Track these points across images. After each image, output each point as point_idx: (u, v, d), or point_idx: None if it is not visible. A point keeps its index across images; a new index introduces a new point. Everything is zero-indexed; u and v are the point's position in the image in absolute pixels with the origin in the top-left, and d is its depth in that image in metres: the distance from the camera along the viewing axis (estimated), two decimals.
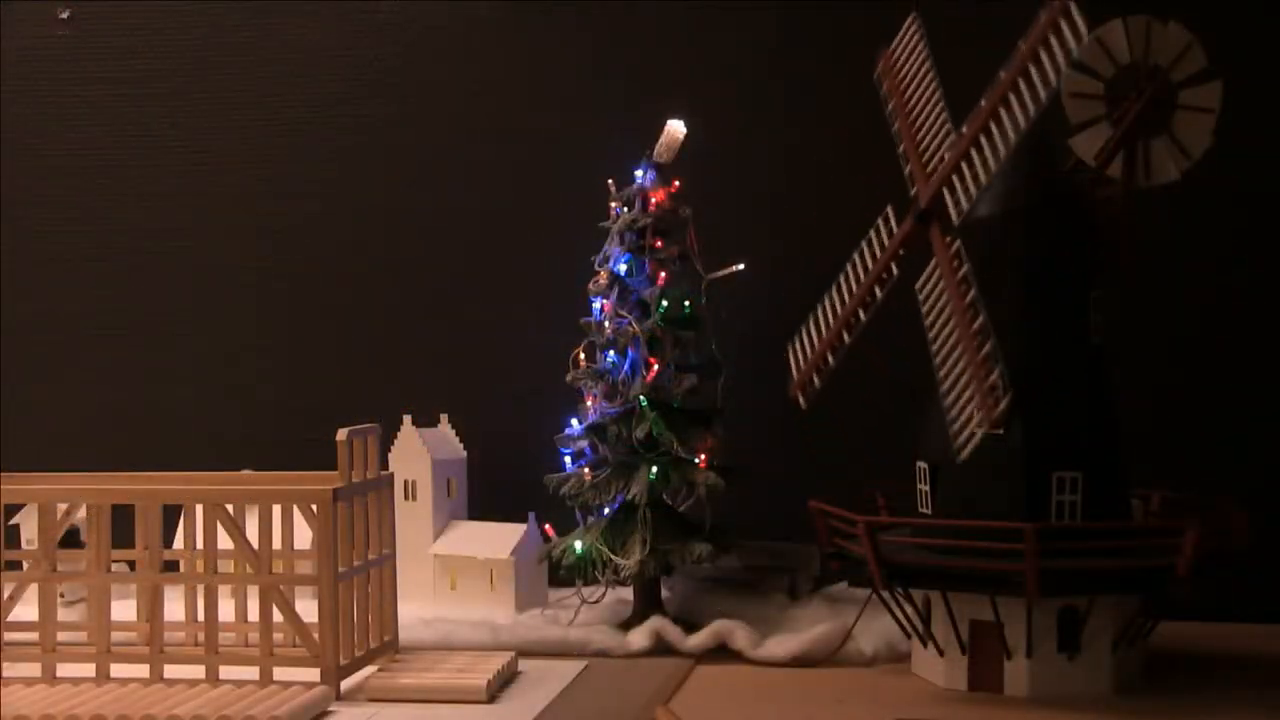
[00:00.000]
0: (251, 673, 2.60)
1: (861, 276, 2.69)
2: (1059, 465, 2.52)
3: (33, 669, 2.67)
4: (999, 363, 2.47)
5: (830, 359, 2.71)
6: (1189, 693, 2.55)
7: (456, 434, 3.36)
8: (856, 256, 2.71)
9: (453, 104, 3.55)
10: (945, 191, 2.57)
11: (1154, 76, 2.63)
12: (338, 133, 3.60)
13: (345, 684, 2.60)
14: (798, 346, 2.76)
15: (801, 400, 2.74)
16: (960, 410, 2.49)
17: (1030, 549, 2.39)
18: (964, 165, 2.55)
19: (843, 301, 2.71)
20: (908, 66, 2.74)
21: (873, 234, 2.69)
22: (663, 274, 2.96)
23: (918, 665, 2.70)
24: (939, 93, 2.67)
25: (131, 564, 2.96)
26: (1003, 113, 2.50)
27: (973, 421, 2.46)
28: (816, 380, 2.73)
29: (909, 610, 2.63)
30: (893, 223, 2.67)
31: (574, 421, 3.00)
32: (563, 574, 3.01)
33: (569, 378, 3.02)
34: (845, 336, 2.69)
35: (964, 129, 2.56)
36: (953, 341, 2.52)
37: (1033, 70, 2.47)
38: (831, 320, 2.72)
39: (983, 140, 2.53)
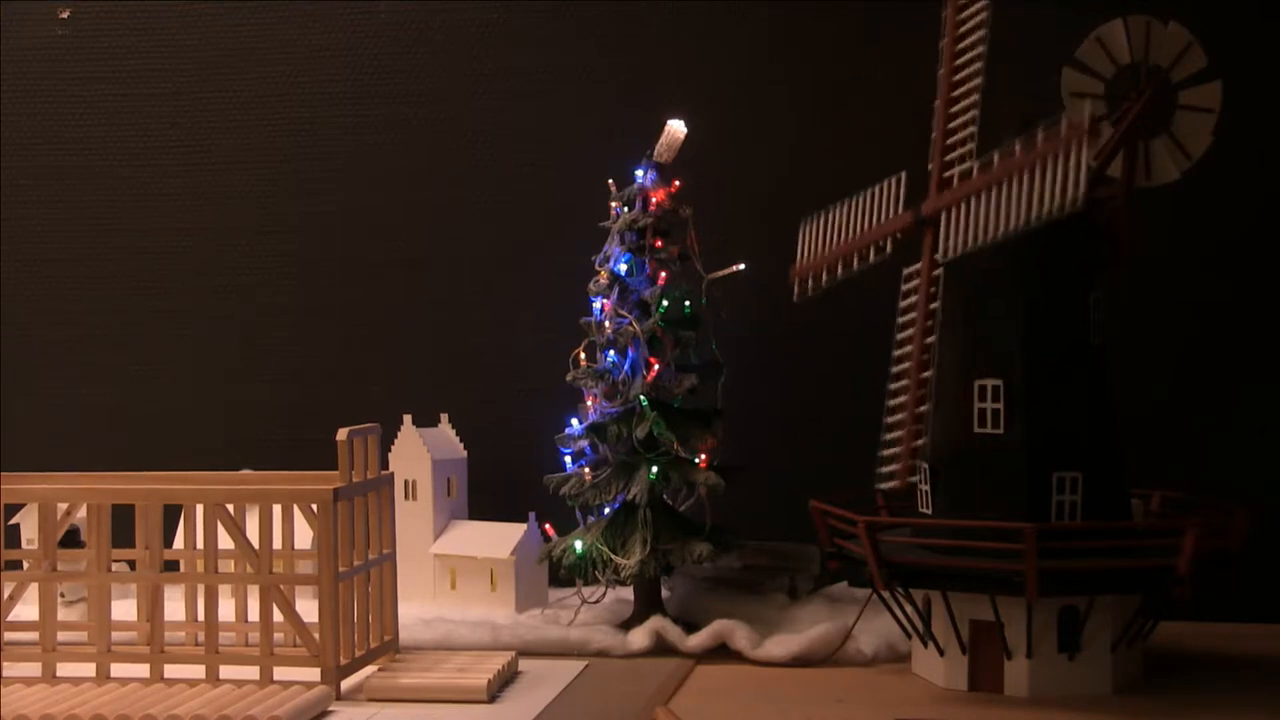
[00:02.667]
0: (251, 673, 2.60)
1: (869, 223, 2.68)
2: (1059, 465, 2.52)
3: (33, 669, 2.67)
4: (927, 420, 2.51)
5: (825, 278, 2.71)
6: (1189, 693, 2.55)
7: (456, 434, 3.36)
8: (869, 197, 2.70)
9: (452, 104, 3.55)
10: (943, 216, 2.54)
11: (1154, 76, 2.63)
12: (338, 133, 3.60)
13: (345, 684, 2.60)
14: (809, 231, 2.75)
15: (795, 292, 2.75)
16: (889, 446, 2.55)
17: (1030, 549, 2.39)
18: (966, 206, 2.50)
19: (848, 231, 2.71)
20: (970, 26, 2.62)
21: (881, 189, 2.68)
22: (663, 274, 2.96)
23: (918, 665, 2.70)
24: (979, 80, 2.58)
25: (132, 564, 2.96)
26: (1012, 188, 2.43)
27: (890, 469, 2.54)
28: (811, 286, 2.73)
29: (909, 610, 2.63)
30: (901, 189, 2.65)
31: (574, 421, 3.00)
32: (563, 574, 3.01)
33: (569, 378, 3.02)
34: (840, 270, 2.70)
35: (980, 170, 2.51)
36: (904, 379, 2.55)
37: (1042, 173, 2.38)
38: (839, 238, 2.71)
39: (990, 194, 2.46)
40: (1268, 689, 2.56)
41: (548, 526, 3.09)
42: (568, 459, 3.00)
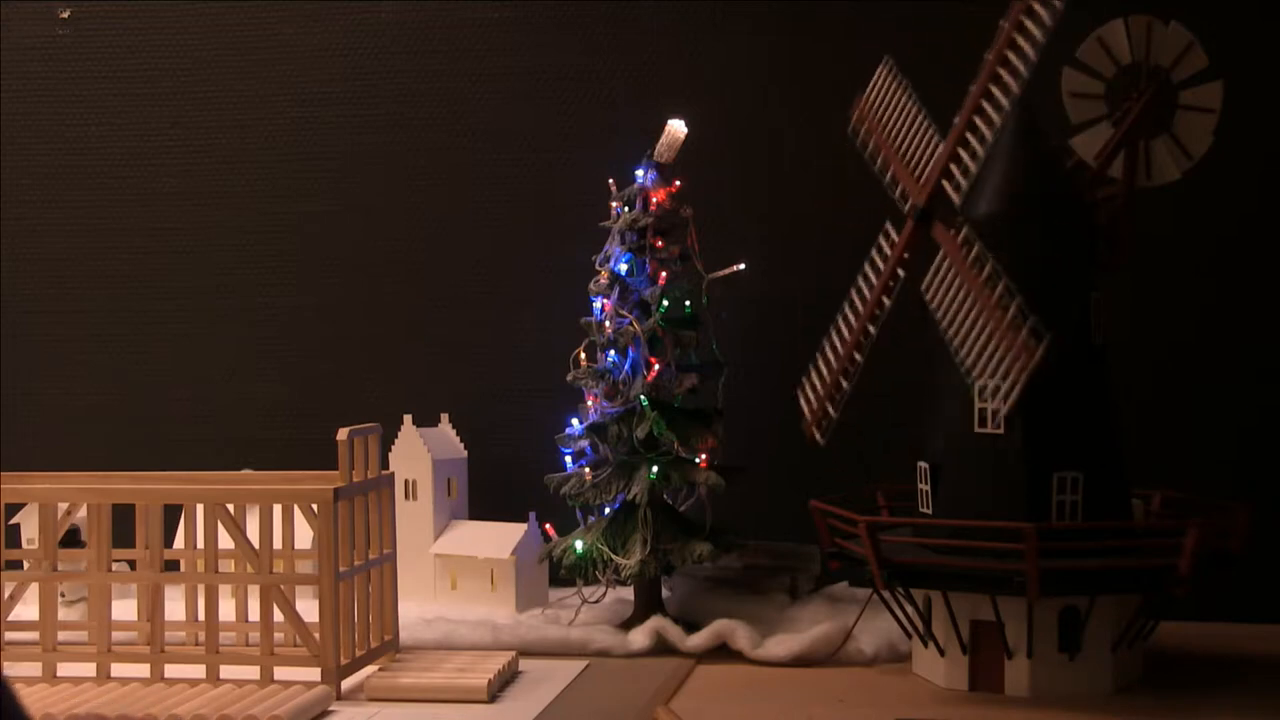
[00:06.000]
0: (252, 672, 2.60)
1: (868, 295, 2.66)
2: (1059, 465, 2.52)
3: (33, 668, 2.67)
4: (1028, 318, 2.44)
5: (845, 384, 2.67)
6: (1189, 693, 2.55)
7: (456, 434, 3.36)
8: (860, 279, 2.69)
9: (453, 104, 3.55)
10: (943, 181, 2.55)
11: (1155, 76, 2.64)
12: (338, 133, 3.59)
13: (346, 684, 2.60)
14: (807, 386, 2.72)
15: (819, 437, 2.70)
16: (995, 368, 2.45)
17: (1031, 549, 2.39)
18: (959, 149, 2.52)
19: (849, 326, 2.67)
20: (886, 106, 2.70)
21: (874, 252, 2.67)
22: (663, 274, 2.96)
23: (918, 665, 2.70)
24: (923, 114, 2.63)
25: (132, 563, 2.96)
26: (992, 88, 2.47)
27: (1014, 370, 2.41)
28: (832, 410, 2.68)
29: (909, 610, 2.63)
30: (893, 235, 2.66)
31: (574, 421, 3.00)
32: (563, 574, 3.01)
33: (569, 378, 3.02)
34: (858, 357, 2.66)
35: (955, 120, 2.54)
36: (974, 316, 2.48)
37: (1016, 42, 2.44)
38: (841, 346, 2.68)
39: (975, 120, 2.49)
40: (1268, 689, 2.57)
41: (548, 526, 3.09)
42: (568, 459, 3.00)
